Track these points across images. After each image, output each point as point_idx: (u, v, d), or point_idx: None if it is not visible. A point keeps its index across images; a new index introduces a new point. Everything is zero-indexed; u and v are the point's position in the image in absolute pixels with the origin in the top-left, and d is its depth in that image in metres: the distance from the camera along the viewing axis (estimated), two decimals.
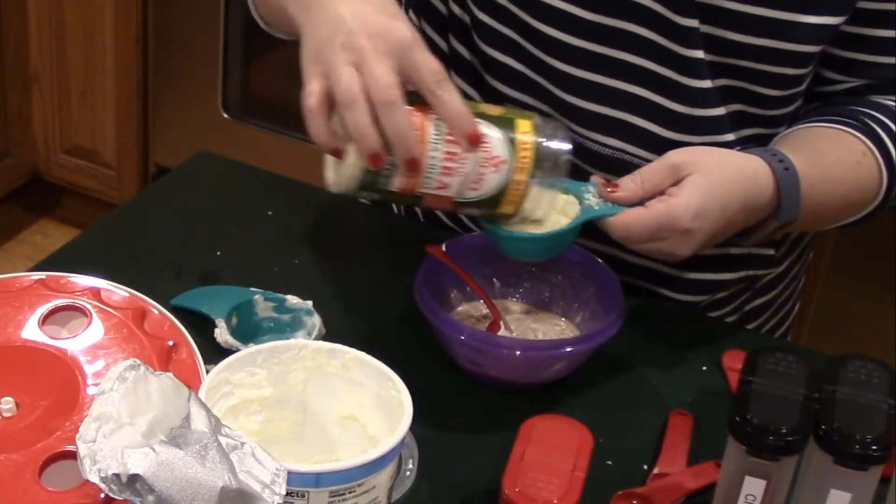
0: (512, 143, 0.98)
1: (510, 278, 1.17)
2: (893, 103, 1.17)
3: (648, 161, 1.15)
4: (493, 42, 1.17)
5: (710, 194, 1.03)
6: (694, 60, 1.11)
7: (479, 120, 0.97)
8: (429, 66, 0.94)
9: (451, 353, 1.09)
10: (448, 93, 0.95)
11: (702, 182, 1.03)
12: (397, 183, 0.97)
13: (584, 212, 1.04)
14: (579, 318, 1.15)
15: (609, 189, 1.05)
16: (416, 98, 0.96)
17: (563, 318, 1.16)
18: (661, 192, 1.04)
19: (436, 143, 0.96)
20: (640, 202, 1.04)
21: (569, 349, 1.06)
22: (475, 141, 0.96)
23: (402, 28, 0.95)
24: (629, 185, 1.05)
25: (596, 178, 1.08)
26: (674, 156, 1.05)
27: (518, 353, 1.05)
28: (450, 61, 1.22)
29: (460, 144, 0.96)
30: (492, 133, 0.98)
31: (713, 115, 1.14)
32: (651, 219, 1.03)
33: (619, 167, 1.16)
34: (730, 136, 1.16)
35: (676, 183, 1.04)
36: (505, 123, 0.99)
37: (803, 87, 1.16)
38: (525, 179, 0.99)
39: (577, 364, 1.08)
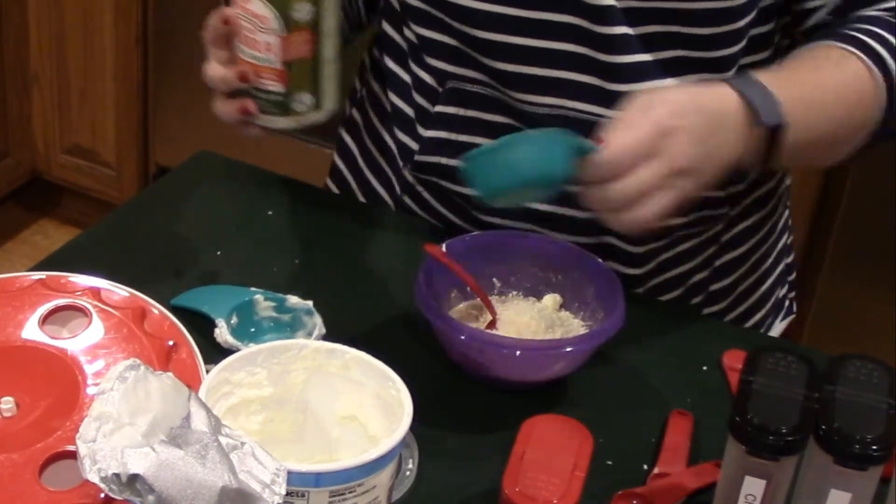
0: None
1: (510, 278, 1.17)
2: (882, 12, 1.13)
3: (588, 114, 1.16)
4: (423, 21, 1.19)
5: (679, 95, 1.02)
6: (603, 7, 1.11)
7: None
8: None
9: (451, 353, 1.09)
10: None
11: (698, 129, 1.00)
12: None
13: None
14: (579, 318, 1.15)
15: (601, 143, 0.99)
16: None
17: None
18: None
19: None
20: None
21: (569, 349, 1.06)
22: None
23: None
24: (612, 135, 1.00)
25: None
26: (657, 105, 1.01)
27: (518, 353, 1.05)
28: (408, 52, 1.24)
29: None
30: None
31: (637, 61, 1.14)
32: (637, 132, 0.98)
33: (562, 125, 1.16)
34: (669, 82, 1.15)
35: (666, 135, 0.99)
36: None
37: (743, 22, 1.14)
38: None
39: (577, 364, 1.08)
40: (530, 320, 1.13)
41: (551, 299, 1.16)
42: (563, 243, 1.18)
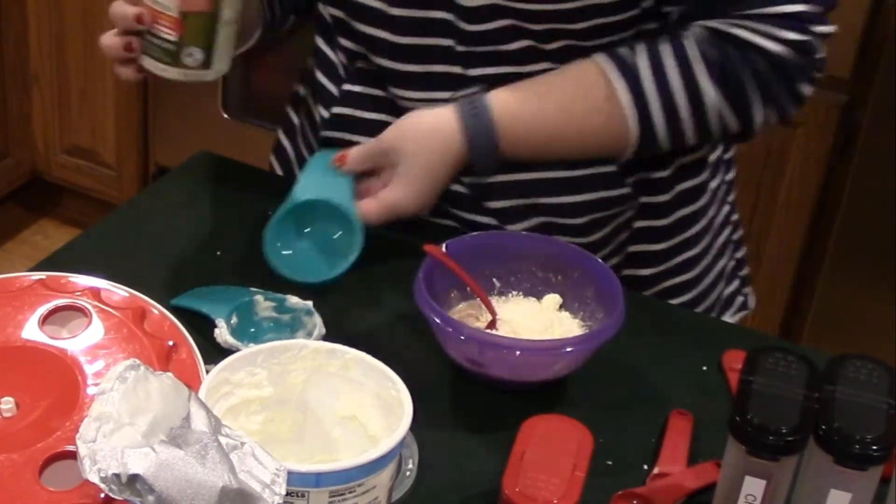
0: None
1: (510, 278, 1.17)
2: (695, 35, 1.16)
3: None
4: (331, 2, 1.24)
5: (421, 182, 1.18)
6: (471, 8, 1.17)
7: None
8: None
9: (450, 353, 1.09)
10: None
11: (410, 172, 1.18)
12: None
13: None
14: (579, 318, 1.15)
15: (338, 161, 1.20)
16: None
17: None
18: (380, 168, 1.20)
19: None
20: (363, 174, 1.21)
21: (569, 349, 1.06)
22: None
23: None
24: (355, 158, 1.20)
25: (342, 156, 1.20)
26: (386, 139, 1.19)
27: (518, 353, 1.05)
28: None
29: None
30: None
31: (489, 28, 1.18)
32: (382, 212, 1.19)
33: None
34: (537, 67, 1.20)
35: (392, 164, 1.18)
36: None
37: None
38: None
39: (577, 364, 1.08)
40: (530, 320, 1.13)
41: (551, 299, 1.16)
42: (563, 243, 1.18)
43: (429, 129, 1.18)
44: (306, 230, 1.21)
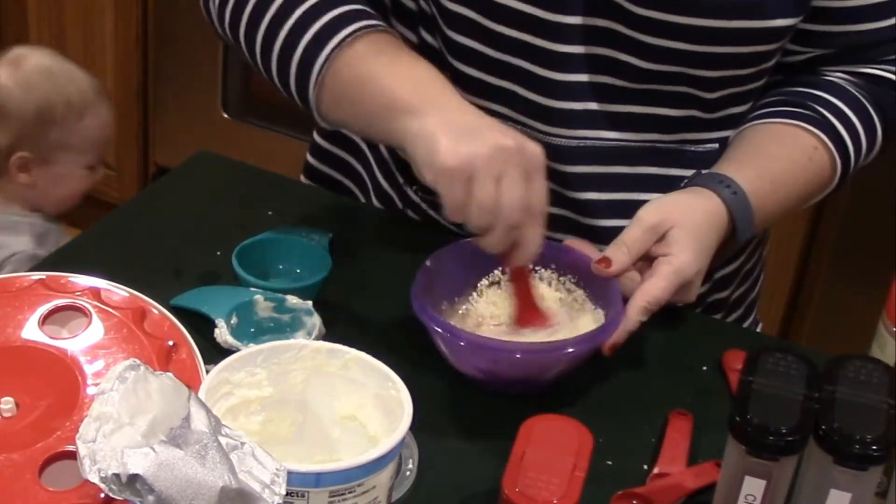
0: None
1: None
2: (843, 79, 1.20)
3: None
4: (457, 25, 1.18)
5: (698, 244, 1.10)
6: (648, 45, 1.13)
7: None
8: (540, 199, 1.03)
9: (450, 358, 1.08)
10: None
11: (685, 236, 1.10)
12: None
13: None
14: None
15: (602, 265, 1.09)
16: None
17: None
18: (646, 254, 1.10)
19: None
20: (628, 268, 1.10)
21: (569, 349, 1.06)
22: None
23: (536, 148, 1.03)
24: (619, 257, 1.09)
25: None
26: (647, 217, 1.10)
27: (518, 355, 1.05)
28: (420, 51, 1.21)
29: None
30: None
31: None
32: (668, 283, 1.08)
33: (591, 155, 1.19)
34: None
35: (660, 240, 1.10)
36: None
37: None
38: None
39: (578, 364, 1.08)
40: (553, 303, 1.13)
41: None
42: (561, 245, 1.17)
43: (695, 200, 1.14)
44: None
